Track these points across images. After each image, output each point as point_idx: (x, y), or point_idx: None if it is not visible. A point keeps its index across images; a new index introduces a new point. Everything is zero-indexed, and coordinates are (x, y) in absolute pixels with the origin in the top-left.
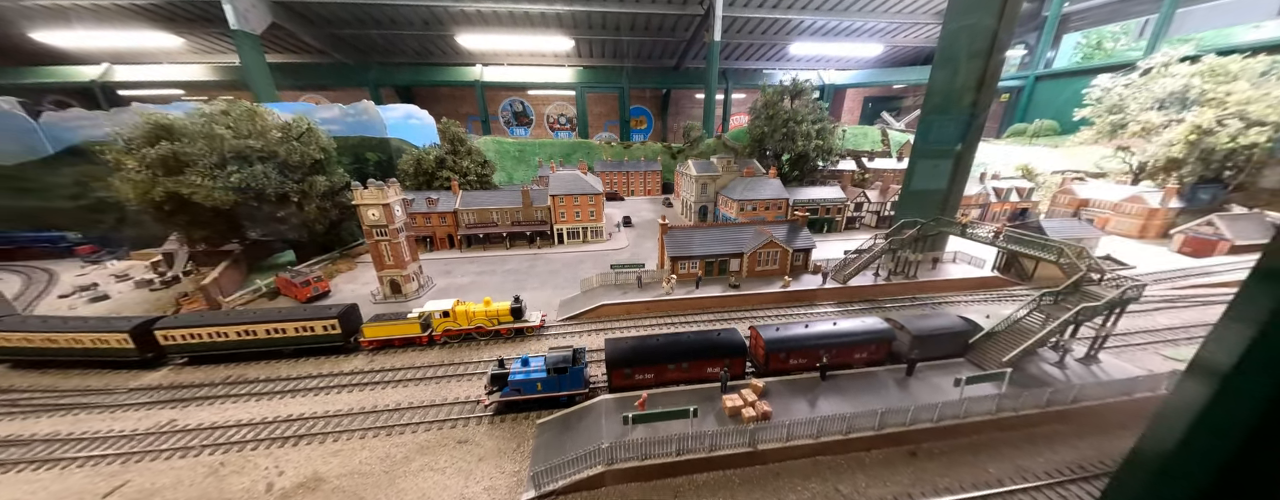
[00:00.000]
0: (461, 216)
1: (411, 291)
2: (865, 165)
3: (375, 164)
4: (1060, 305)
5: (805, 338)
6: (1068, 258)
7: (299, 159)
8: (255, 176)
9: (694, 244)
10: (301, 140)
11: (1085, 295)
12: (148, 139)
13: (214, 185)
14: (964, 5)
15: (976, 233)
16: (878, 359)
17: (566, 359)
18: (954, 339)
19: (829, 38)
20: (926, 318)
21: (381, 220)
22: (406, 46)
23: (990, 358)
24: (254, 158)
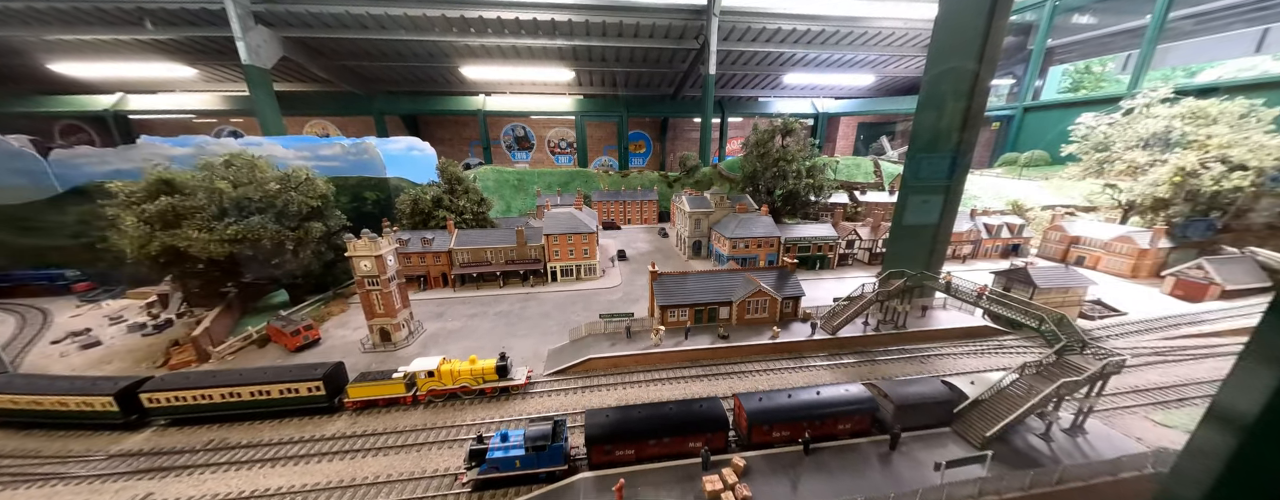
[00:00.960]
0: (456, 256)
1: (401, 339)
2: (857, 198)
3: (373, 203)
4: (1043, 374)
5: (789, 409)
6: (1048, 326)
7: (297, 208)
8: (252, 228)
9: (683, 292)
10: (300, 190)
11: (1067, 366)
12: (149, 193)
13: (210, 238)
14: (945, 50)
15: (961, 291)
16: (862, 429)
17: (546, 434)
18: (938, 408)
19: (821, 69)
20: (910, 384)
21: (373, 271)
22: (412, 77)
23: (976, 429)
24: (252, 208)
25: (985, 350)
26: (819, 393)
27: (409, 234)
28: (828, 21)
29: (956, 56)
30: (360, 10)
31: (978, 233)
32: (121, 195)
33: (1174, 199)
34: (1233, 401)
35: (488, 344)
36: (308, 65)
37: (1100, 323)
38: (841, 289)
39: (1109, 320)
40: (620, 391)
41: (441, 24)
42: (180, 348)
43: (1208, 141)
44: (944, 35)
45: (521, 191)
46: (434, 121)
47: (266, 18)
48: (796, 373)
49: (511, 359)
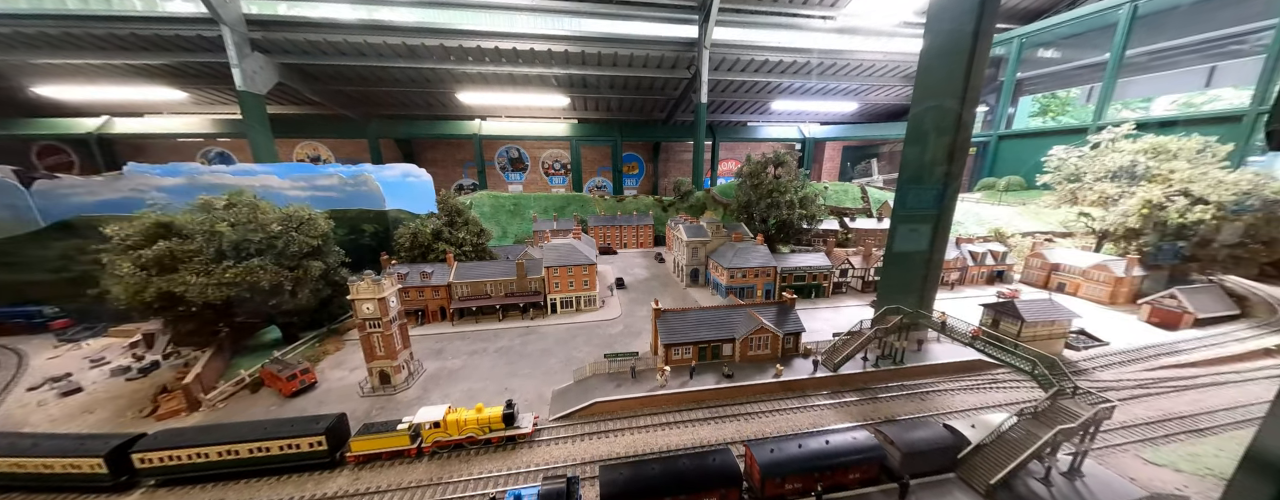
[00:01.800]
0: (455, 289)
1: (400, 382)
2: (847, 225)
3: (371, 235)
4: (1041, 419)
5: (800, 460)
6: (1041, 370)
7: (297, 248)
8: (251, 270)
9: (687, 329)
10: (301, 230)
11: (1062, 411)
12: (146, 238)
13: (207, 282)
14: (929, 89)
15: (955, 330)
16: (871, 477)
17: (560, 493)
18: (943, 453)
19: (807, 96)
20: (914, 429)
21: (376, 313)
22: (408, 101)
23: (980, 475)
24: (251, 250)
25: (980, 385)
26: (828, 441)
27: (407, 267)
28: (812, 54)
29: (940, 95)
30: (359, 38)
31: (964, 260)
32: (116, 239)
33: (1144, 229)
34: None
35: (490, 385)
36: (302, 90)
37: (1085, 354)
38: (838, 318)
39: (1093, 351)
40: (629, 438)
41: (439, 52)
42: (169, 395)
43: (1171, 176)
44: (927, 76)
45: (517, 216)
46: (427, 143)
47: (263, 45)
48: (801, 413)
49: (517, 404)
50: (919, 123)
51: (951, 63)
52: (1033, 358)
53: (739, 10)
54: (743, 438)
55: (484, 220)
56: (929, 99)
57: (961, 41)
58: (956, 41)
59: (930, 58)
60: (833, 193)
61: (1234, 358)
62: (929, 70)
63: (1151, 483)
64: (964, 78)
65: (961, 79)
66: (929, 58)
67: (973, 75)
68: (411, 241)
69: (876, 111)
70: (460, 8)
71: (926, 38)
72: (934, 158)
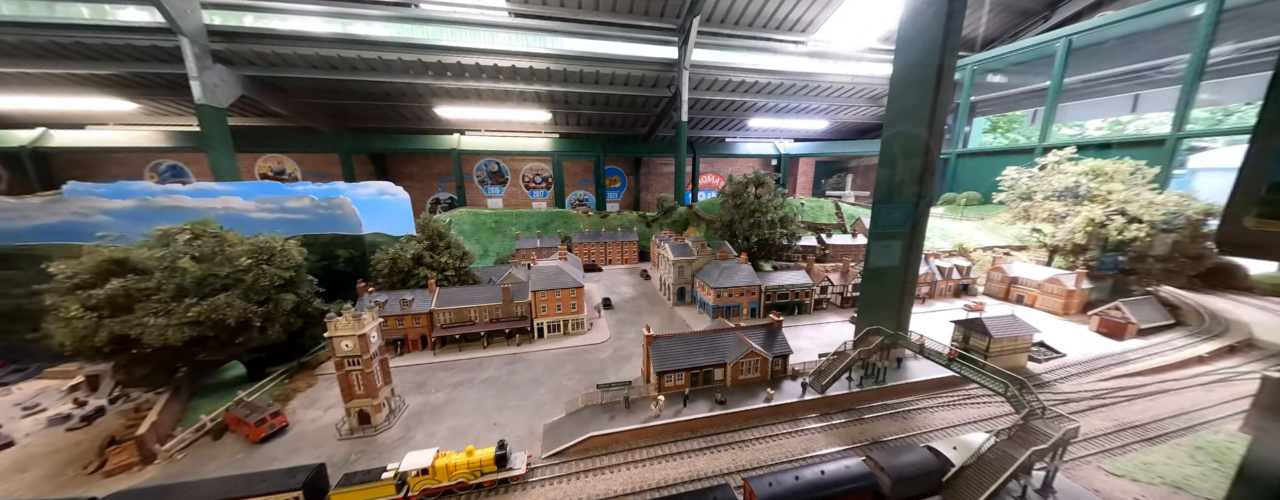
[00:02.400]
0: (437, 317)
1: (381, 421)
2: (825, 242)
3: (346, 261)
4: (1015, 440)
5: (798, 492)
6: (1012, 391)
7: (268, 281)
8: (217, 308)
9: (679, 355)
10: (273, 262)
11: (1034, 431)
12: (97, 275)
13: (167, 322)
14: (898, 115)
15: (933, 352)
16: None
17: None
18: (928, 477)
19: (781, 114)
20: (900, 454)
21: (355, 351)
22: (382, 115)
23: (963, 497)
24: (217, 285)
25: (956, 401)
26: (823, 471)
27: (386, 295)
28: (785, 76)
29: (908, 122)
30: (331, 52)
31: (932, 274)
32: (61, 276)
33: (1089, 245)
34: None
35: (478, 421)
36: (267, 102)
37: (1046, 365)
38: (821, 335)
39: (1053, 362)
40: (625, 474)
41: (417, 67)
42: (118, 448)
43: (1109, 196)
44: (896, 103)
45: (499, 234)
46: (402, 157)
47: (226, 57)
48: (793, 438)
49: (509, 442)
50: (890, 146)
51: (918, 91)
52: (1005, 379)
53: (717, 34)
54: (738, 467)
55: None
56: (899, 124)
57: (927, 72)
58: (923, 72)
59: (898, 86)
60: (809, 209)
61: (1173, 366)
62: (898, 98)
63: (1114, 494)
64: (931, 106)
65: (929, 107)
66: (898, 86)
67: (938, 104)
68: (391, 267)
69: (846, 129)
70: (439, 24)
71: (895, 67)
72: (904, 179)
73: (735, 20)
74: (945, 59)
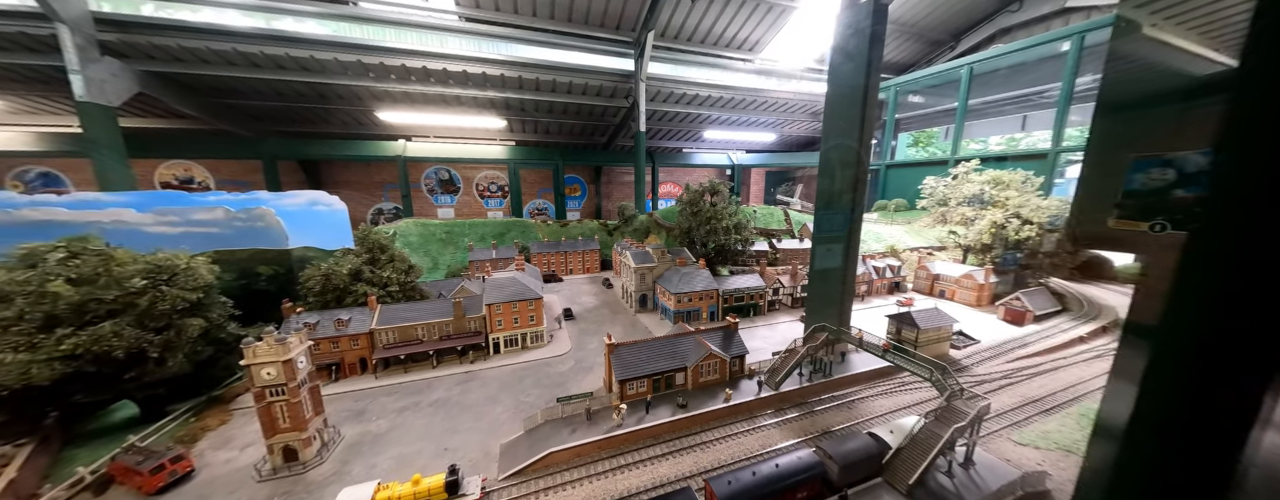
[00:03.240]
0: (379, 337)
1: (311, 456)
2: (775, 247)
3: (269, 279)
4: (941, 420)
5: (755, 488)
6: (936, 376)
7: (169, 305)
8: (100, 338)
9: (641, 362)
10: (175, 282)
11: (955, 411)
12: None
13: (31, 358)
14: (833, 130)
15: (871, 345)
16: (815, 493)
17: None
18: (871, 461)
19: (734, 127)
20: (846, 442)
21: (279, 379)
22: (315, 118)
23: (900, 477)
24: (101, 312)
25: (893, 389)
26: (777, 464)
27: (318, 315)
28: (735, 91)
29: (842, 136)
30: (253, 49)
31: (869, 274)
32: None
33: (993, 244)
34: (1110, 413)
35: (427, 447)
36: (173, 102)
37: (965, 351)
38: (774, 335)
39: (970, 349)
40: (587, 488)
41: (356, 69)
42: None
43: (1007, 202)
44: (831, 120)
45: (451, 245)
46: (339, 164)
47: (119, 49)
48: (751, 436)
49: (462, 467)
50: (828, 158)
51: (849, 108)
52: (930, 365)
53: (671, 49)
54: (701, 469)
55: (411, 252)
56: (834, 138)
57: (855, 92)
58: (851, 92)
59: (832, 104)
60: (761, 216)
61: (1062, 346)
62: (832, 114)
63: (1022, 461)
64: (860, 121)
65: (858, 122)
66: (831, 104)
67: (866, 120)
68: (323, 285)
69: (792, 142)
70: (381, 24)
71: (828, 88)
72: (841, 187)
73: (688, 37)
74: (870, 80)
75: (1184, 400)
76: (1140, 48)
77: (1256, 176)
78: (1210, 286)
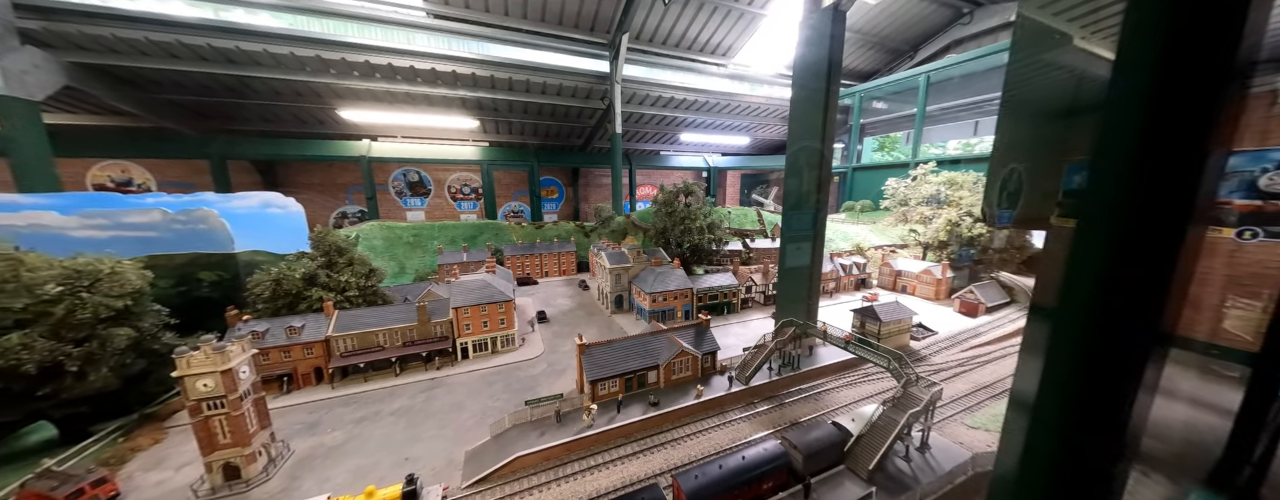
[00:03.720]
0: (335, 344)
1: (256, 473)
2: (749, 246)
3: (212, 285)
4: (898, 406)
5: (722, 481)
6: (893, 365)
7: (90, 313)
8: (5, 351)
9: (612, 362)
10: (97, 289)
11: (911, 397)
12: None
13: None
14: (800, 133)
15: (834, 337)
16: (781, 483)
17: None
18: (834, 449)
19: (709, 130)
20: (810, 432)
21: (217, 391)
22: (270, 116)
23: (861, 463)
24: (9, 322)
25: (857, 380)
26: (744, 457)
27: (268, 323)
28: (710, 94)
29: (808, 139)
30: (199, 41)
31: (837, 271)
32: None
33: (949, 241)
34: (1020, 388)
35: (386, 458)
36: (108, 98)
37: (924, 342)
38: (747, 332)
39: (929, 340)
40: (555, 491)
41: (316, 64)
42: None
43: (961, 202)
44: (797, 123)
45: (419, 249)
46: (297, 165)
47: (43, 38)
48: (721, 430)
49: (421, 476)
50: (795, 160)
51: (812, 112)
52: (888, 355)
53: (646, 52)
54: (671, 466)
55: (376, 256)
56: (800, 140)
57: (818, 96)
58: (814, 96)
59: (797, 108)
60: (735, 217)
61: (1011, 334)
62: (797, 118)
63: (974, 443)
64: (822, 124)
65: (821, 125)
66: (796, 108)
67: (828, 122)
68: (273, 290)
69: (765, 145)
70: (343, 18)
71: (793, 92)
72: (808, 188)
73: (662, 40)
74: (831, 84)
75: (1078, 370)
76: (1036, 54)
77: (1121, 182)
78: (1095, 271)
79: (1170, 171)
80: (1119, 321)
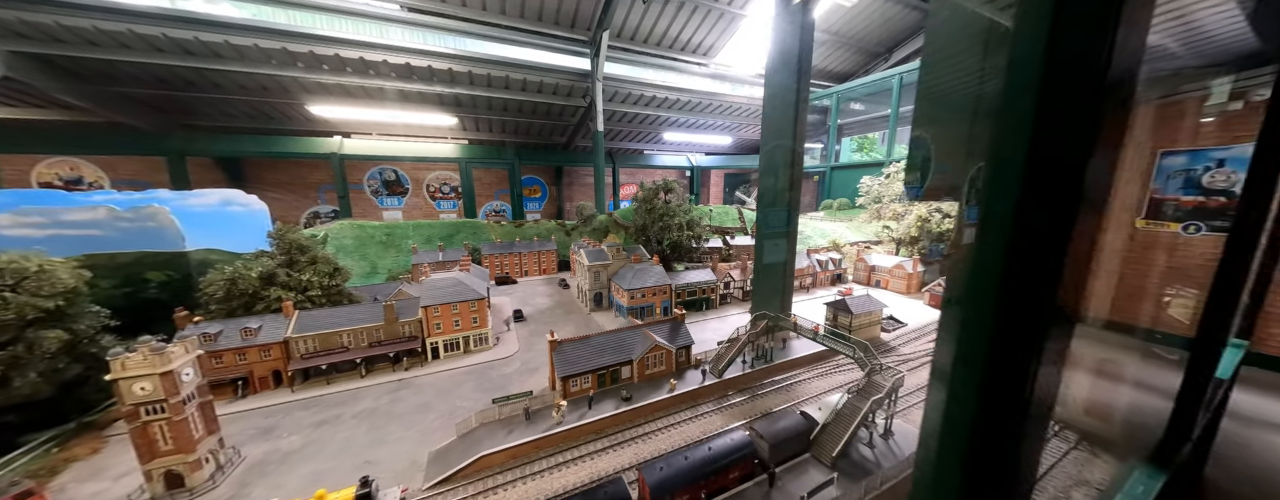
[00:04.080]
0: (295, 346)
1: (202, 481)
2: (729, 243)
3: (162, 286)
4: (862, 393)
5: (687, 472)
6: (859, 354)
7: (12, 315)
8: None
9: (585, 358)
10: (23, 288)
11: (875, 385)
12: None
13: None
14: (773, 132)
15: (803, 329)
16: (748, 472)
17: None
18: (799, 438)
19: (692, 130)
20: (778, 420)
21: (157, 394)
22: (234, 111)
23: (825, 451)
24: None
25: (828, 371)
26: (710, 447)
27: (221, 324)
28: (692, 94)
29: (781, 138)
30: (153, 31)
31: (814, 267)
32: None
33: (920, 237)
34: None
35: (345, 462)
36: (54, 91)
37: (894, 334)
38: (724, 327)
39: (899, 331)
40: (521, 489)
41: (282, 57)
42: None
43: None
44: (769, 122)
45: (392, 248)
46: (266, 163)
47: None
48: (693, 422)
49: (379, 479)
50: (768, 159)
51: (784, 111)
52: (853, 345)
53: (628, 50)
54: (641, 460)
55: (346, 255)
56: (773, 139)
57: (789, 95)
58: (785, 95)
59: (769, 107)
60: (716, 215)
61: None
62: (770, 117)
63: None
64: (793, 123)
65: (792, 124)
66: (768, 107)
67: (798, 121)
68: (228, 290)
69: (748, 145)
70: (310, 9)
71: (765, 91)
72: (781, 186)
73: (644, 39)
74: (801, 83)
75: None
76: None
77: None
78: (995, 257)
79: (1057, 167)
80: (1015, 302)
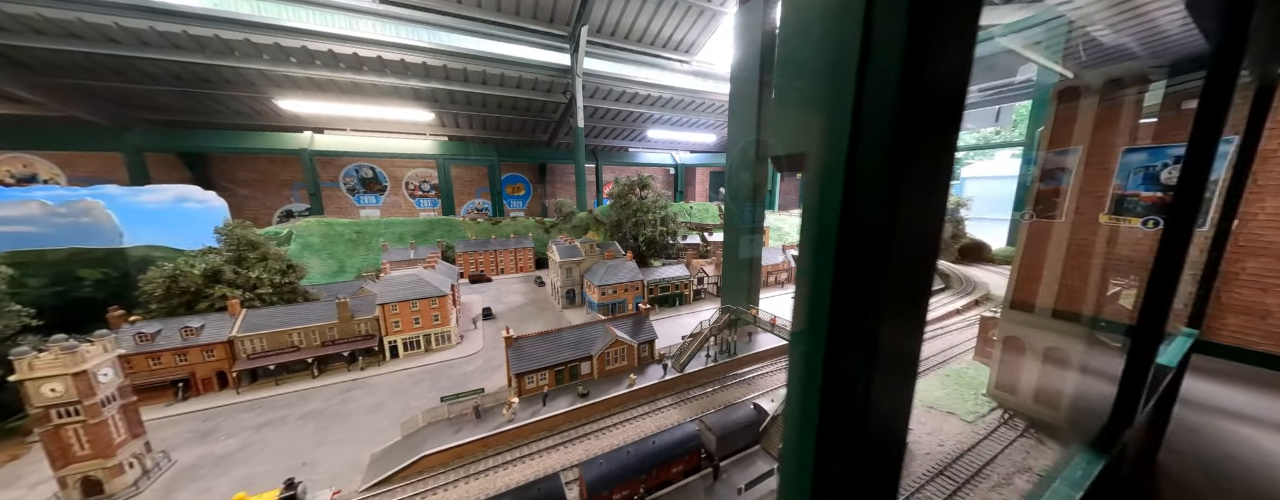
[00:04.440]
0: (241, 346)
1: (122, 487)
2: (707, 239)
3: (97, 284)
4: None
5: (627, 467)
6: None
7: None
8: None
9: (542, 354)
10: None
11: None
12: None
13: None
14: (738, 130)
15: (761, 322)
16: (693, 466)
17: None
18: (749, 430)
19: (676, 127)
20: (729, 413)
21: (70, 396)
22: (196, 105)
23: (773, 442)
24: None
25: None
26: (655, 442)
27: (160, 323)
28: (674, 91)
29: (745, 135)
30: (105, 20)
31: (789, 263)
32: None
33: None
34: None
35: (282, 465)
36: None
37: None
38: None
39: None
40: (461, 490)
41: (246, 49)
42: None
43: None
44: (735, 119)
45: (362, 246)
46: (233, 159)
47: None
48: (650, 418)
49: (315, 481)
50: (736, 156)
51: (748, 109)
52: None
53: (608, 46)
54: (591, 456)
55: (312, 253)
56: (739, 137)
57: (751, 91)
58: (748, 91)
59: (734, 105)
60: (697, 212)
61: (942, 317)
62: (736, 114)
63: None
64: (757, 121)
65: (756, 122)
66: (734, 105)
67: (762, 118)
68: (168, 288)
69: None
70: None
71: (732, 89)
72: (748, 182)
73: (624, 34)
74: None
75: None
76: None
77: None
78: (826, 261)
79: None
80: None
